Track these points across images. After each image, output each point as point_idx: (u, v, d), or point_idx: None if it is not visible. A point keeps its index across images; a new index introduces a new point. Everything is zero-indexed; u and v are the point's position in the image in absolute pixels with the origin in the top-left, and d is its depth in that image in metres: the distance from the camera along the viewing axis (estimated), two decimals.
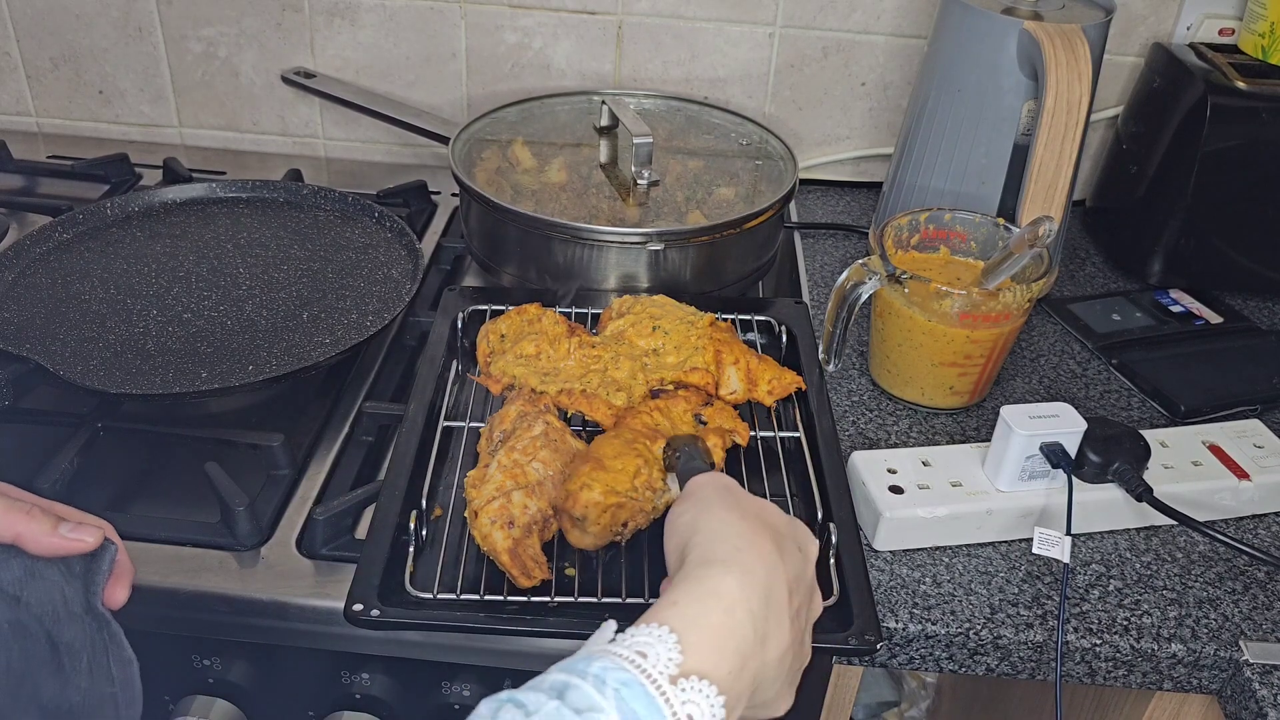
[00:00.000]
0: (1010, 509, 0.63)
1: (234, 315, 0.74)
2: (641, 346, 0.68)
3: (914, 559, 0.62)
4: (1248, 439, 0.69)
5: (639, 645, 0.36)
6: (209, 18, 0.99)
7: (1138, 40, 0.95)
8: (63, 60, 1.02)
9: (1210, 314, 0.86)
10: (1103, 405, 0.76)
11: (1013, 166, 0.80)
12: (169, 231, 0.84)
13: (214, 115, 1.05)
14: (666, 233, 0.77)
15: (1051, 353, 0.82)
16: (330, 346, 0.71)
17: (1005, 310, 0.68)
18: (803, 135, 1.02)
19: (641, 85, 1.01)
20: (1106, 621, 0.59)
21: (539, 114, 0.95)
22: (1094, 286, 0.91)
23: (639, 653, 0.36)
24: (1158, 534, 0.65)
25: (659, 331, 0.68)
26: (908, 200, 0.85)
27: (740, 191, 0.86)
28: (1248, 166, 0.84)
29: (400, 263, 0.81)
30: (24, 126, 1.06)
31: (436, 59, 1.00)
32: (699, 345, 0.67)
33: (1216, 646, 0.58)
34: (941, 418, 0.74)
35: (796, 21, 0.97)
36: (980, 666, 0.60)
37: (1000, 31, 0.76)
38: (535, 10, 0.97)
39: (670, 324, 0.69)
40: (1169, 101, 0.87)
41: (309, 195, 0.89)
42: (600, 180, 0.86)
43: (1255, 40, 0.88)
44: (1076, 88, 0.72)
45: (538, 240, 0.79)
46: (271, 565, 0.59)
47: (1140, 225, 0.90)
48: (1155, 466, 0.65)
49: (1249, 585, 0.62)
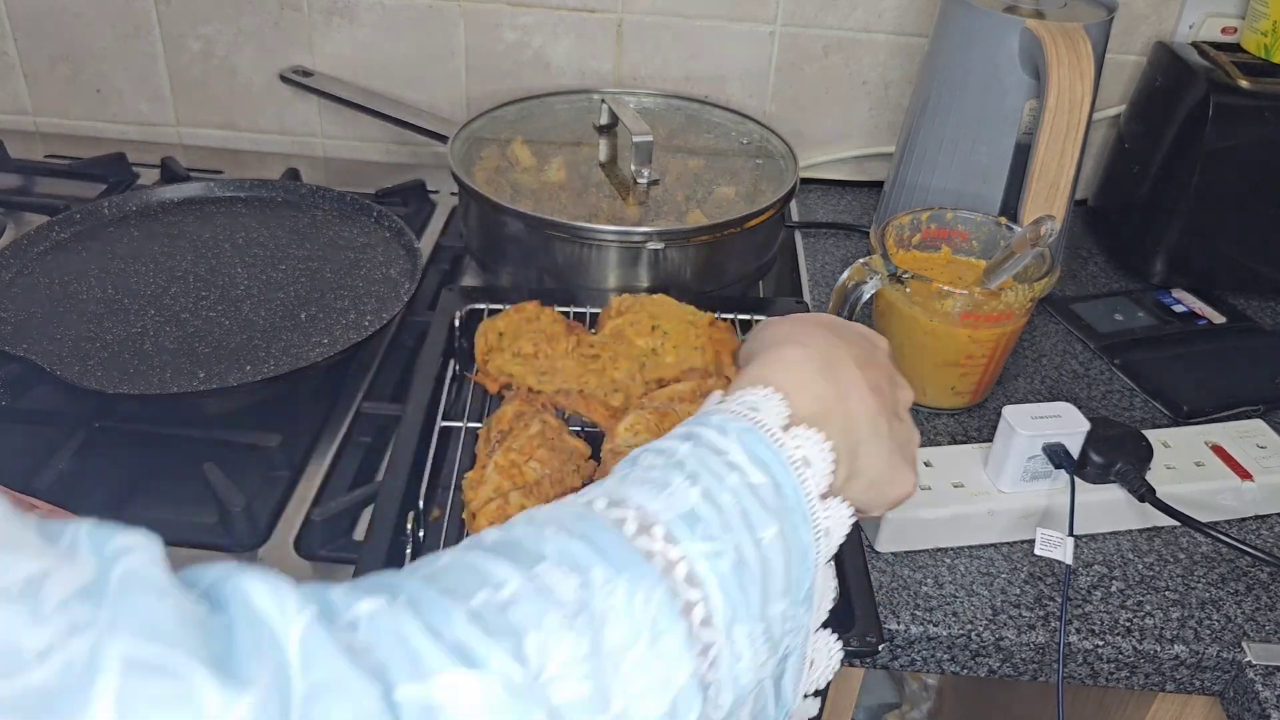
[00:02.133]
0: (1012, 510, 0.62)
1: (232, 315, 0.74)
2: (640, 346, 0.67)
3: (916, 560, 0.62)
4: (1250, 439, 0.68)
5: (748, 403, 0.40)
6: (207, 16, 0.99)
7: (1140, 39, 0.95)
8: (60, 59, 1.02)
9: (1213, 314, 0.86)
10: (1105, 405, 0.76)
11: (1014, 165, 0.79)
12: (166, 231, 0.84)
13: (212, 114, 1.04)
14: (666, 232, 0.77)
15: (1054, 353, 0.82)
16: (328, 346, 0.71)
17: (1007, 310, 0.68)
18: (804, 134, 1.02)
19: (641, 83, 1.00)
20: (1109, 623, 0.59)
21: (538, 113, 0.94)
22: (1096, 286, 0.91)
23: (750, 408, 0.40)
24: (1160, 535, 0.65)
25: (658, 331, 0.68)
26: (909, 199, 0.84)
27: (741, 190, 0.86)
28: (1250, 166, 0.84)
29: (398, 262, 0.81)
30: (21, 125, 1.06)
31: (435, 57, 1.00)
32: (698, 345, 0.66)
33: (1219, 648, 0.58)
34: (943, 418, 0.74)
35: (797, 20, 0.96)
36: (982, 668, 0.59)
37: (1002, 30, 0.76)
38: (534, 8, 0.97)
39: (669, 323, 0.68)
40: (1171, 101, 0.87)
41: (307, 194, 0.89)
42: (600, 179, 0.86)
43: (1258, 39, 0.88)
44: (1079, 86, 0.71)
45: (537, 240, 0.78)
46: (269, 566, 0.58)
47: (1142, 225, 0.90)
48: (1158, 467, 0.64)
49: (1252, 586, 0.62)
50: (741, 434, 0.38)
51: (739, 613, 0.35)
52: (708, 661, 0.34)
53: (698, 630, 0.33)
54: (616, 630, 0.32)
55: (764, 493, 0.37)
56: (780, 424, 0.39)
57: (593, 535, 0.34)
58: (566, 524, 0.35)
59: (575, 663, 0.30)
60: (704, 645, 0.34)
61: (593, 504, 0.36)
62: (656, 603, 0.33)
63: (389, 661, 0.27)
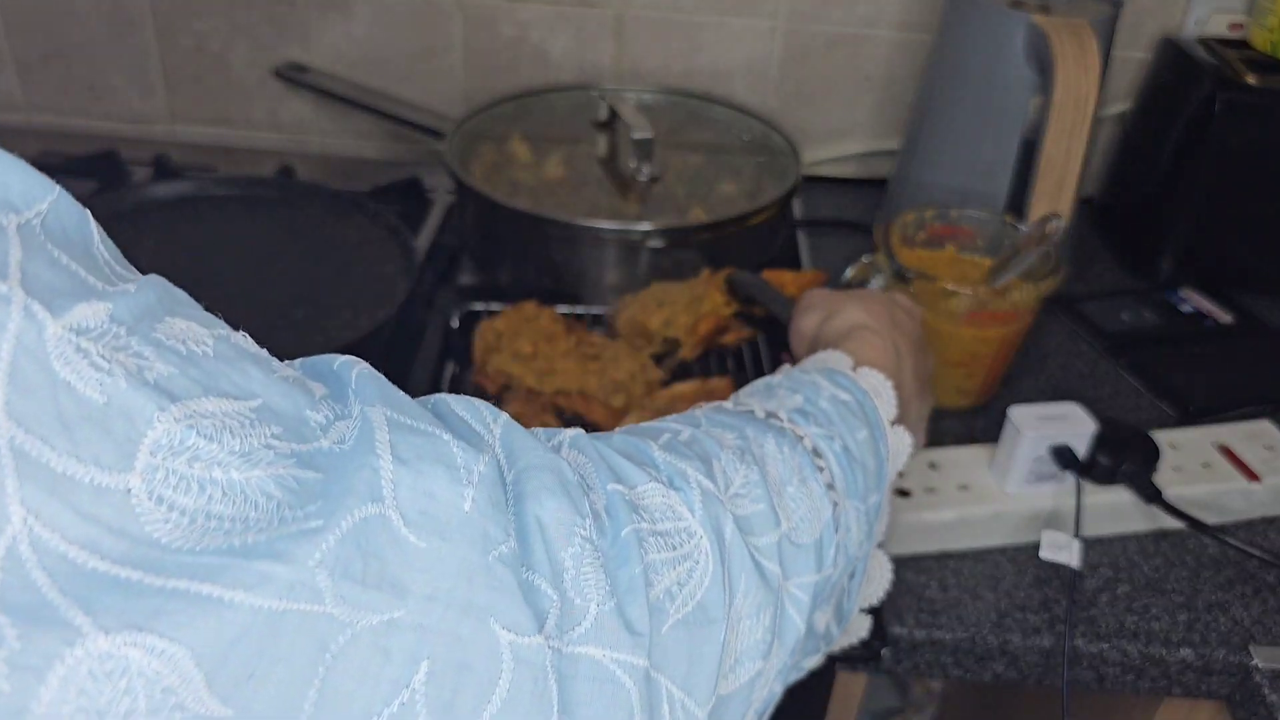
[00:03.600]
0: (1018, 512, 0.62)
1: (225, 313, 0.73)
2: (655, 327, 0.68)
3: (920, 564, 0.61)
4: (1258, 440, 0.67)
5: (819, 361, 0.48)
6: (200, 11, 0.98)
7: (1146, 35, 0.94)
8: (52, 54, 1.01)
9: (1220, 313, 0.85)
10: (1112, 405, 0.75)
11: (1020, 163, 0.79)
12: (159, 229, 0.83)
13: (205, 110, 1.03)
14: (667, 229, 0.76)
15: (1060, 352, 0.81)
16: (323, 346, 0.70)
17: (1013, 309, 0.67)
18: (806, 130, 1.01)
19: (641, 79, 0.99)
20: (1115, 626, 0.58)
21: (536, 109, 0.94)
22: (1103, 285, 0.90)
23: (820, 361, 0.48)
24: (1167, 537, 0.64)
25: (665, 305, 0.68)
26: (914, 197, 0.84)
27: (742, 187, 0.85)
28: (1257, 163, 0.83)
29: (394, 260, 0.80)
30: (13, 122, 1.05)
31: (432, 52, 0.99)
32: (703, 294, 0.69)
33: (1226, 651, 0.57)
34: (948, 419, 0.73)
35: (800, 14, 0.95)
36: (987, 673, 0.59)
37: (1008, 25, 0.75)
38: (533, 2, 0.96)
39: (672, 295, 0.70)
40: (1178, 97, 0.86)
41: (301, 192, 0.88)
42: (599, 176, 0.85)
43: (1265, 35, 0.87)
44: (1085, 83, 0.71)
45: (535, 237, 0.77)
46: None
47: (1149, 223, 0.89)
48: (1165, 468, 0.63)
49: (1259, 589, 0.61)
50: (820, 370, 0.45)
51: (850, 489, 0.40)
52: (835, 519, 0.39)
53: (829, 489, 0.39)
54: (774, 467, 0.37)
55: (851, 406, 0.43)
56: (848, 366, 0.47)
57: (732, 415, 0.40)
58: (707, 413, 0.40)
59: (751, 485, 0.36)
60: (833, 502, 0.39)
61: (721, 406, 0.42)
62: (800, 453, 0.39)
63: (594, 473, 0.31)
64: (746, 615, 0.33)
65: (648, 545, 0.30)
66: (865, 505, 0.41)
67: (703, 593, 0.31)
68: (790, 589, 0.36)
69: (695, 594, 0.31)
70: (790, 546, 0.36)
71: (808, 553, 0.37)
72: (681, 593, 0.31)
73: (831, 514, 0.38)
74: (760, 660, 0.34)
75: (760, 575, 0.34)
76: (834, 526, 0.38)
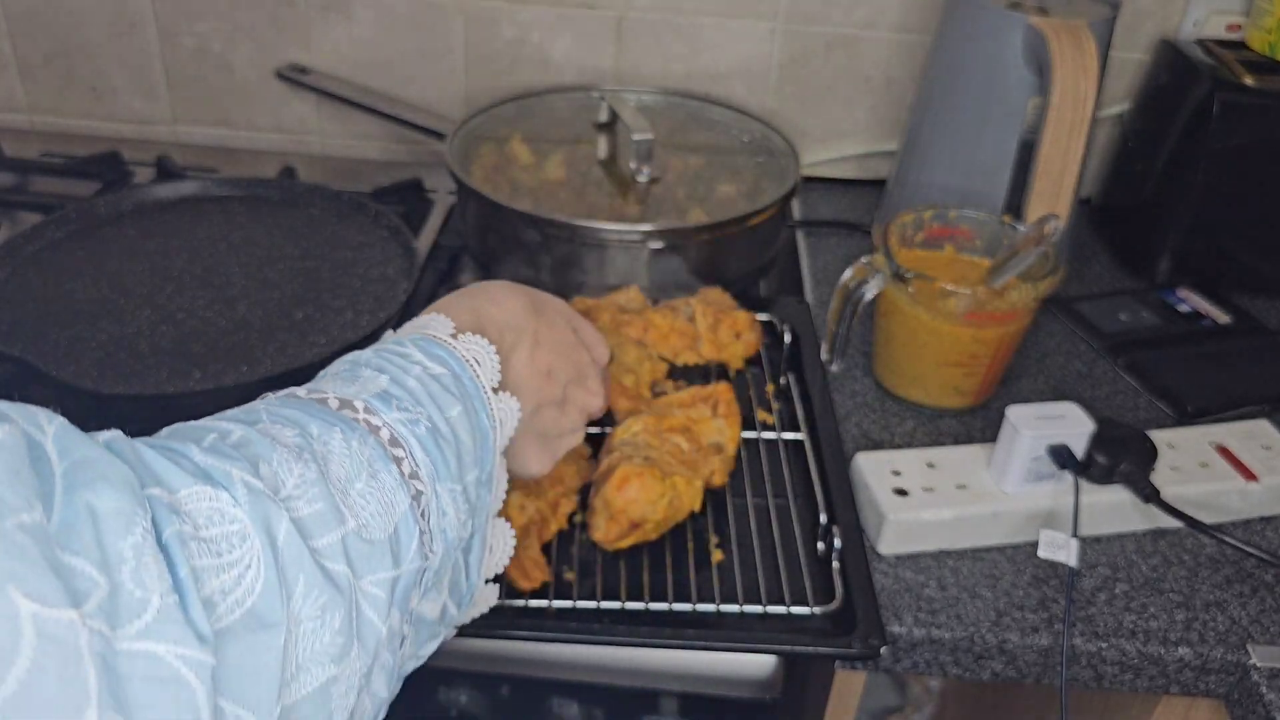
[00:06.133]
0: (1016, 511, 0.62)
1: (227, 314, 0.73)
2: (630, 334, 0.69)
3: (918, 562, 0.61)
4: (1256, 440, 0.68)
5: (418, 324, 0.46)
6: (202, 12, 0.98)
7: (1144, 36, 0.95)
8: (55, 56, 1.01)
9: (1218, 313, 0.85)
10: (1109, 405, 0.76)
11: (1018, 163, 0.79)
12: (161, 230, 0.83)
13: (207, 112, 1.04)
14: (667, 230, 0.76)
15: (1058, 352, 0.81)
16: (325, 346, 0.70)
17: (1011, 309, 0.67)
18: (806, 131, 1.01)
19: (642, 80, 0.99)
20: (1113, 625, 0.58)
21: (537, 110, 0.94)
22: (1101, 285, 0.90)
23: (420, 326, 0.45)
24: (1165, 536, 0.65)
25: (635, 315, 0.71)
26: (912, 197, 0.84)
27: (742, 188, 0.85)
28: (1255, 164, 0.83)
29: (396, 261, 0.80)
30: (15, 123, 1.05)
31: (433, 54, 0.99)
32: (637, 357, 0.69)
33: (1224, 650, 0.57)
34: (947, 418, 0.73)
35: (799, 16, 0.96)
36: (986, 671, 0.59)
37: (1005, 27, 0.75)
38: (534, 4, 0.96)
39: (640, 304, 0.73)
40: (1175, 98, 0.86)
41: (303, 193, 0.88)
42: (600, 177, 0.85)
43: (1263, 37, 0.87)
44: (1082, 84, 0.71)
45: (536, 238, 0.78)
46: None
47: (1147, 224, 0.89)
48: (1162, 468, 0.64)
49: (1257, 588, 0.61)
50: (417, 341, 0.43)
51: (440, 471, 0.39)
52: (420, 509, 0.38)
53: (408, 480, 0.38)
54: (339, 465, 0.36)
55: (445, 380, 0.42)
56: (448, 333, 0.45)
57: (301, 407, 0.38)
58: (272, 406, 0.38)
59: (308, 485, 0.34)
60: (415, 492, 0.38)
61: (294, 393, 0.40)
62: (371, 445, 0.37)
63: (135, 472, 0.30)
64: (309, 618, 0.32)
65: (190, 549, 0.29)
66: (463, 484, 0.41)
67: (255, 598, 0.30)
68: (365, 588, 0.35)
69: (245, 600, 0.30)
70: (360, 544, 0.35)
71: (382, 549, 0.35)
72: (228, 599, 0.29)
73: (409, 506, 0.37)
74: (332, 665, 0.32)
75: (324, 575, 0.33)
76: (413, 518, 0.37)
